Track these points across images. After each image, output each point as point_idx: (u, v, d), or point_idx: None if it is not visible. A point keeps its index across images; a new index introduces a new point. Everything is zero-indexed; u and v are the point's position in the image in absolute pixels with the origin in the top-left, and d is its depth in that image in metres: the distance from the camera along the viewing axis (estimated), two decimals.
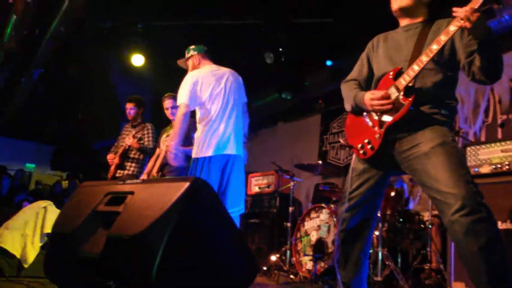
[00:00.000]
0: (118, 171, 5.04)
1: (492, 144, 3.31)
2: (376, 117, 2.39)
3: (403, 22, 2.52)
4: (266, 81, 7.36)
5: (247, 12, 6.03)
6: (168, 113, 4.86)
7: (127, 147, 5.01)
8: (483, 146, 3.36)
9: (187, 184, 1.66)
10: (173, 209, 1.61)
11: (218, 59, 3.98)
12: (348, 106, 2.61)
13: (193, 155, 3.63)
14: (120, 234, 1.69)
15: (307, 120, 8.30)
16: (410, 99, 2.21)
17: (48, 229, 3.66)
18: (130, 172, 5.00)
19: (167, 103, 4.87)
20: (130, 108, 5.24)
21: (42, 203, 3.92)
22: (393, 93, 2.30)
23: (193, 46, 4.04)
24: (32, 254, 3.57)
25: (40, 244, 3.63)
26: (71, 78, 8.14)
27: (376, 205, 2.56)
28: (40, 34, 6.31)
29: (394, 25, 2.64)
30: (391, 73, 2.36)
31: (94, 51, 7.13)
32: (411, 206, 4.97)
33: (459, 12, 2.02)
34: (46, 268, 2.17)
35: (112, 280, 1.70)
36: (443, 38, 2.11)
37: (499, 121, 5.22)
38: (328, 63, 6.79)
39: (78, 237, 1.93)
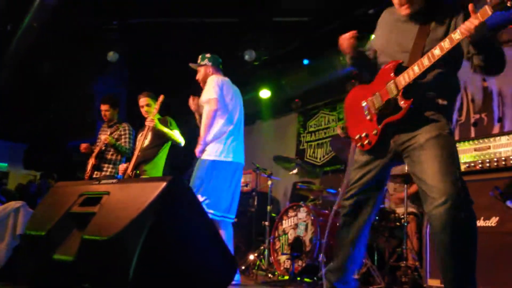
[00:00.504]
0: (95, 172, 4.96)
1: (465, 143, 3.36)
2: (374, 111, 2.39)
3: (403, 8, 2.39)
4: (245, 79, 7.35)
5: (225, 10, 6.00)
6: (143, 111, 4.80)
7: (103, 147, 4.94)
8: (456, 145, 3.40)
9: (163, 184, 1.64)
10: (149, 210, 1.58)
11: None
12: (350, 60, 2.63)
13: (211, 157, 3.75)
14: (95, 236, 1.65)
15: (285, 119, 8.32)
16: (409, 102, 2.21)
17: (20, 231, 3.58)
18: (107, 173, 4.93)
19: (143, 101, 4.81)
20: (105, 110, 5.15)
21: (14, 204, 3.83)
22: (392, 91, 2.29)
23: (208, 55, 4.14)
24: (4, 256, 3.48)
25: (13, 246, 3.55)
26: (45, 76, 7.97)
27: (378, 196, 2.52)
28: (13, 30, 6.16)
29: (372, 25, 2.65)
30: (391, 68, 2.32)
31: (68, 48, 6.99)
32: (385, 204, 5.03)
33: (466, 28, 2.01)
34: (19, 270, 2.12)
35: (88, 283, 1.67)
36: (446, 45, 2.09)
37: (472, 120, 5.32)
38: (305, 62, 6.82)
39: (51, 239, 1.89)
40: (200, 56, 4.15)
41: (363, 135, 2.44)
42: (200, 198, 3.54)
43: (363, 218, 2.52)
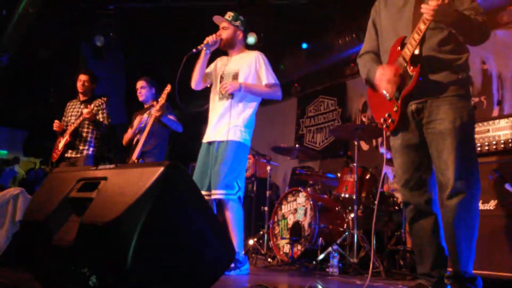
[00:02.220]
0: (70, 151, 4.77)
1: None
2: (390, 89, 2.39)
3: None
4: None
5: None
6: (138, 94, 4.77)
7: (78, 124, 4.72)
8: (474, 127, 3.40)
9: (161, 169, 1.63)
10: (147, 195, 1.58)
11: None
12: (364, 81, 2.64)
13: (245, 141, 3.62)
14: (93, 221, 1.65)
15: (284, 104, 8.29)
16: (417, 68, 2.24)
17: (19, 217, 3.59)
18: (84, 153, 4.79)
19: (137, 85, 4.78)
20: (84, 80, 4.90)
21: (13, 190, 3.84)
22: (401, 63, 2.32)
23: (242, 18, 3.79)
24: (3, 243, 3.49)
25: (13, 233, 3.56)
26: (42, 61, 7.92)
27: (430, 173, 2.42)
28: (8, 15, 6.11)
29: (369, 8, 2.64)
30: (396, 44, 2.38)
31: (65, 33, 6.94)
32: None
33: (426, 11, 2.12)
34: (19, 256, 2.13)
35: (87, 268, 1.68)
36: (422, 27, 2.18)
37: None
38: (304, 46, 6.77)
39: (50, 225, 1.89)
40: (232, 13, 3.77)
41: (386, 115, 2.46)
42: (240, 183, 3.51)
43: (431, 198, 2.41)
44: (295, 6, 6.03)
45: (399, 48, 2.36)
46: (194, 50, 3.59)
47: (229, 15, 3.76)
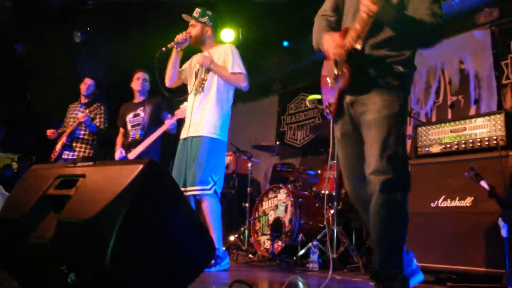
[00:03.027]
0: (65, 152, 4.84)
1: (442, 125, 3.41)
2: (331, 80, 2.37)
3: None
4: None
5: None
6: (138, 83, 4.74)
7: (74, 126, 4.82)
8: (433, 127, 3.46)
9: (140, 167, 1.63)
10: (126, 192, 1.57)
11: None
12: (315, 45, 2.54)
13: (220, 136, 3.61)
14: (71, 218, 1.64)
15: (265, 101, 8.31)
16: (349, 67, 2.18)
17: None
18: (80, 155, 4.84)
19: (139, 75, 4.76)
20: (90, 85, 5.04)
21: None
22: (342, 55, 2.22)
23: (210, 13, 3.78)
24: None
25: None
26: (20, 56, 7.78)
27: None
28: None
29: None
30: (341, 34, 2.25)
31: (44, 28, 6.83)
32: None
33: (364, 8, 2.00)
34: None
35: (65, 265, 1.66)
36: (358, 27, 2.07)
37: (449, 102, 5.40)
38: (285, 44, 6.79)
39: (28, 223, 1.87)
40: (199, 10, 3.77)
41: (327, 103, 2.43)
42: (215, 178, 3.50)
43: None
44: (277, 4, 6.04)
45: (342, 39, 2.22)
46: (164, 48, 3.61)
47: (196, 11, 3.76)
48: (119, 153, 4.50)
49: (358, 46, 2.12)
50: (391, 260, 2.11)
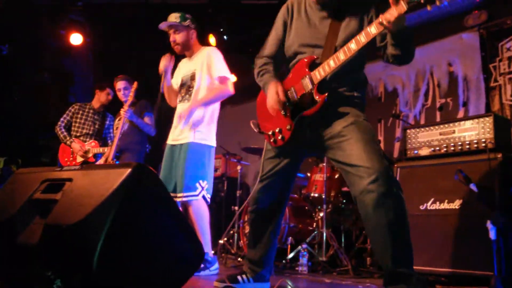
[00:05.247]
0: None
1: (431, 127, 3.43)
2: (288, 105, 2.39)
3: None
4: None
5: None
6: (120, 94, 4.70)
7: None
8: (422, 129, 3.47)
9: (128, 171, 1.60)
10: (113, 196, 1.55)
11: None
12: (259, 83, 2.62)
13: (205, 142, 3.57)
14: (57, 223, 1.61)
15: (254, 104, 8.27)
16: (323, 96, 2.24)
17: None
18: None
19: (120, 84, 4.69)
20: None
21: None
22: (307, 85, 2.31)
23: (189, 16, 3.67)
24: None
25: None
26: (6, 57, 7.69)
27: (289, 185, 2.60)
28: None
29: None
30: (306, 63, 2.34)
31: (31, 29, 6.76)
32: None
33: (384, 20, 2.02)
34: None
35: (51, 271, 1.63)
36: (363, 40, 2.11)
37: (437, 105, 5.42)
38: None
39: (13, 227, 1.83)
40: (178, 15, 3.63)
41: (277, 130, 2.45)
42: (202, 183, 3.47)
43: (278, 208, 2.59)
44: (267, 6, 6.03)
45: (307, 69, 2.32)
46: (160, 90, 3.70)
47: (176, 17, 3.63)
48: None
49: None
50: (407, 257, 2.09)
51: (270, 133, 2.49)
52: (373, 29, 2.08)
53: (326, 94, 2.23)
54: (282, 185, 2.56)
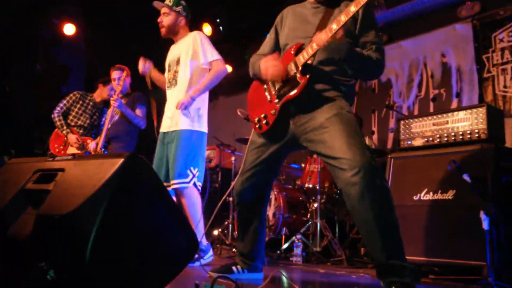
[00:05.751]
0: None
1: (425, 118, 3.43)
2: (274, 92, 2.42)
3: None
4: None
5: None
6: (114, 84, 4.66)
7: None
8: (416, 120, 3.48)
9: (121, 161, 1.59)
10: (106, 187, 1.53)
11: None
12: (252, 75, 2.67)
13: (197, 128, 3.55)
14: (50, 213, 1.60)
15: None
16: (306, 77, 2.25)
17: None
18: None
19: (115, 73, 4.66)
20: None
21: None
22: (292, 69, 2.33)
23: (184, 3, 3.68)
24: None
25: None
26: None
27: (271, 178, 2.65)
28: None
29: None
30: (292, 48, 2.39)
31: (22, 20, 6.69)
32: None
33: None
34: None
35: (44, 262, 1.62)
36: (343, 18, 2.12)
37: (431, 96, 5.44)
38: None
39: (5, 218, 1.82)
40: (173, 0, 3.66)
41: (262, 116, 2.48)
42: (193, 171, 3.46)
43: (261, 200, 2.64)
44: None
45: (293, 52, 2.37)
46: (149, 87, 3.73)
47: (170, 0, 3.66)
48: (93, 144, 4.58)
49: (309, 62, 2.28)
50: (397, 247, 2.09)
51: (256, 119, 2.52)
52: (352, 8, 2.10)
53: (308, 76, 2.24)
54: (264, 176, 2.58)
